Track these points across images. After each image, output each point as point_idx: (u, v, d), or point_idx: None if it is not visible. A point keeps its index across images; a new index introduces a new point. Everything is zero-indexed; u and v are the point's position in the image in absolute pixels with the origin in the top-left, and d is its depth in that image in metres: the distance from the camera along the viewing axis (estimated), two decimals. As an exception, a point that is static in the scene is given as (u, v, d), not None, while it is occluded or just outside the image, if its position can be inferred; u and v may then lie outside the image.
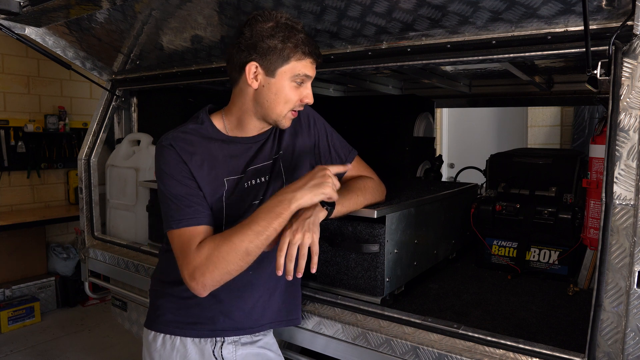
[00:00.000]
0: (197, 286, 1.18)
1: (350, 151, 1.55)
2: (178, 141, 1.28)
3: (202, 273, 1.16)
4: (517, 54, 1.35)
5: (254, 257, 1.18)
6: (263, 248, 1.18)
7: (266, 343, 1.44)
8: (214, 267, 1.15)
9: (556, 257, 1.82)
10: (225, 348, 1.35)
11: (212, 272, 1.16)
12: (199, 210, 1.24)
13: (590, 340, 1.12)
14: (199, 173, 1.28)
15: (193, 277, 1.17)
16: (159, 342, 1.36)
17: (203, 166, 1.29)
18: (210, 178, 1.29)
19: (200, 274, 1.16)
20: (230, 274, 1.18)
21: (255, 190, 1.35)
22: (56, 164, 4.71)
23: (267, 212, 1.17)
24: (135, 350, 3.56)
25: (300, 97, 1.28)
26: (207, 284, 1.17)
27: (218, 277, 1.17)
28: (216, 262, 1.15)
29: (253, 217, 1.18)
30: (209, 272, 1.16)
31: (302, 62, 1.25)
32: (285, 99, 1.27)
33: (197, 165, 1.28)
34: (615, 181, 1.09)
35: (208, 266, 1.15)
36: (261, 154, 1.37)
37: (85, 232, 2.52)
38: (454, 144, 5.77)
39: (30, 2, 1.80)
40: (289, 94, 1.27)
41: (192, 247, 1.19)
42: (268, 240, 1.17)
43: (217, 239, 1.18)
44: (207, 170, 1.29)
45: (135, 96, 2.73)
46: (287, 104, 1.28)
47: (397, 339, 1.35)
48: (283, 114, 1.29)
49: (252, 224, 1.16)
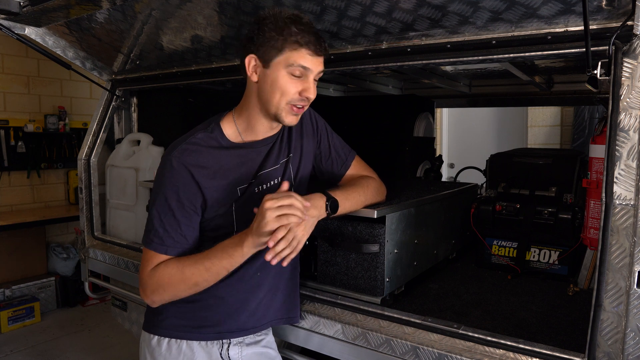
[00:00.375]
0: (146, 300, 1.29)
1: (350, 152, 1.55)
2: (186, 155, 1.26)
3: (152, 292, 1.26)
4: (517, 54, 1.35)
5: (203, 288, 1.24)
6: (211, 282, 1.24)
7: (268, 342, 1.46)
8: (163, 290, 1.25)
9: (556, 257, 1.82)
10: (232, 349, 1.36)
11: (161, 295, 1.25)
12: (180, 242, 1.27)
13: (590, 340, 1.12)
14: (210, 184, 1.27)
15: (144, 292, 1.28)
16: (163, 346, 1.35)
17: (215, 178, 1.28)
18: (222, 188, 1.29)
19: (150, 293, 1.26)
20: (178, 297, 1.26)
21: (266, 194, 1.34)
22: (56, 164, 4.72)
23: (221, 251, 1.20)
24: (135, 351, 3.55)
25: (298, 90, 1.24)
26: (156, 301, 1.28)
27: (166, 299, 1.27)
28: (166, 288, 1.24)
29: (208, 252, 1.22)
30: (158, 294, 1.25)
31: (297, 52, 1.21)
32: (281, 90, 1.23)
33: (208, 178, 1.27)
34: (615, 181, 1.09)
35: (157, 289, 1.25)
36: (271, 158, 1.36)
37: (85, 232, 2.52)
38: (454, 144, 5.77)
39: (30, 2, 1.80)
40: (285, 85, 1.23)
41: (147, 268, 1.27)
42: (217, 276, 1.22)
43: (171, 266, 1.24)
44: (219, 181, 1.28)
45: (135, 96, 2.73)
46: (283, 95, 1.23)
47: (397, 339, 1.35)
48: (280, 106, 1.25)
49: (204, 260, 1.21)
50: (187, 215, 1.26)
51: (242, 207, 1.31)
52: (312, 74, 1.25)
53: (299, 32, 1.20)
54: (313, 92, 1.26)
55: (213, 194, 1.27)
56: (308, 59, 1.22)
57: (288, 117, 1.27)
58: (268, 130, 1.35)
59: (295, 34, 1.19)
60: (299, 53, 1.21)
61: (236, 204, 1.31)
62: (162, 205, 1.26)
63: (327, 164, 1.51)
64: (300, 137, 1.44)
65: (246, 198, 1.31)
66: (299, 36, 1.20)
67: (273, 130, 1.36)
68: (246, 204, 1.29)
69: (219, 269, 1.20)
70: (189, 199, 1.25)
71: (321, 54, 1.25)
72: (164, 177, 1.27)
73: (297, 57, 1.21)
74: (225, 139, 1.32)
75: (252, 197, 1.32)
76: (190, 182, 1.25)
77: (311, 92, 1.25)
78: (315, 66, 1.24)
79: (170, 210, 1.25)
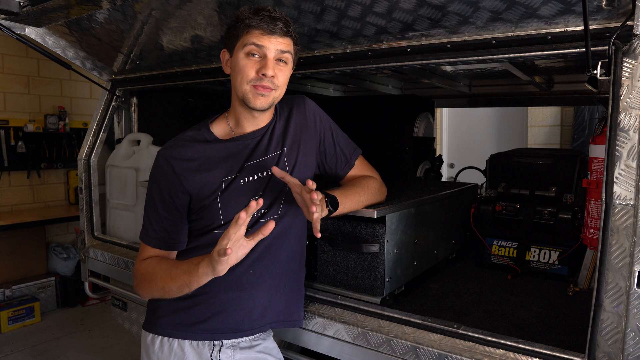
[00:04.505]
0: (135, 289, 1.36)
1: (355, 149, 1.55)
2: (173, 150, 1.34)
3: (137, 284, 1.35)
4: (517, 54, 1.35)
5: (170, 295, 1.28)
6: (176, 293, 1.26)
7: (265, 347, 1.42)
8: (142, 287, 1.34)
9: (556, 257, 1.82)
10: (224, 352, 1.34)
11: (143, 288, 1.33)
12: (160, 234, 1.35)
13: (590, 340, 1.12)
14: (193, 176, 1.31)
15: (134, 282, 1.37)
16: (157, 344, 1.35)
17: (199, 170, 1.32)
18: (206, 181, 1.31)
19: (136, 283, 1.35)
20: (154, 296, 1.33)
21: (255, 186, 1.35)
22: (56, 164, 4.72)
23: (187, 263, 1.23)
24: (135, 351, 3.56)
25: (256, 69, 1.25)
26: (141, 294, 1.35)
27: (147, 295, 1.35)
28: (144, 285, 1.32)
29: (180, 262, 1.28)
30: (141, 287, 1.34)
31: (251, 33, 1.25)
32: (241, 72, 1.27)
33: (191, 171, 1.31)
34: (615, 181, 1.09)
35: (141, 282, 1.34)
36: (259, 150, 1.37)
37: (85, 232, 2.52)
38: (454, 144, 5.77)
39: (30, 2, 1.80)
40: (243, 66, 1.26)
41: (139, 258, 1.38)
42: (179, 289, 1.24)
43: (153, 264, 1.32)
44: (202, 173, 1.32)
45: (135, 96, 2.73)
46: (243, 77, 1.27)
47: (397, 339, 1.35)
48: (244, 88, 1.28)
49: (173, 268, 1.26)
50: (168, 209, 1.33)
51: (227, 199, 1.32)
52: (268, 51, 1.25)
53: (252, 16, 1.24)
54: (270, 69, 1.25)
55: (196, 186, 1.31)
56: (261, 37, 1.25)
57: (255, 99, 1.28)
58: (253, 122, 1.37)
59: (249, 18, 1.24)
60: (252, 33, 1.25)
61: (221, 196, 1.32)
62: (149, 199, 1.36)
63: (331, 161, 1.50)
64: (299, 132, 1.43)
65: (231, 190, 1.32)
66: (251, 19, 1.24)
67: (258, 121, 1.38)
68: (231, 196, 1.32)
69: (180, 282, 1.23)
70: (170, 193, 1.32)
71: (276, 33, 1.25)
72: (152, 171, 1.37)
73: (250, 37, 1.25)
74: (212, 135, 1.38)
75: (238, 188, 1.33)
76: (171, 176, 1.31)
77: (267, 69, 1.25)
78: (271, 44, 1.25)
79: (154, 204, 1.34)
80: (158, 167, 1.34)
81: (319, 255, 1.61)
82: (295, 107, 1.45)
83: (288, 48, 1.28)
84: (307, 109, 1.46)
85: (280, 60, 1.28)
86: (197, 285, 1.21)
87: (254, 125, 1.38)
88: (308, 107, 1.47)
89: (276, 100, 1.33)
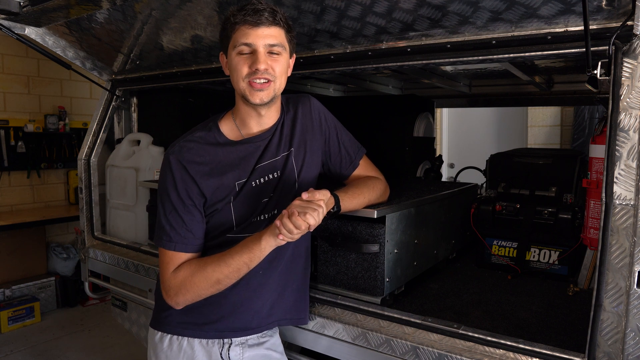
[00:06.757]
0: (171, 302, 1.30)
1: (359, 149, 1.54)
2: (184, 152, 1.31)
3: (176, 294, 1.28)
4: (517, 54, 1.35)
5: (225, 285, 1.26)
6: (233, 279, 1.25)
7: (272, 344, 1.45)
8: (186, 291, 1.26)
9: (556, 257, 1.82)
10: (233, 350, 1.36)
11: (184, 295, 1.27)
12: (188, 237, 1.30)
13: (590, 340, 1.12)
14: (207, 180, 1.29)
15: (168, 295, 1.29)
16: (165, 343, 1.36)
17: (212, 174, 1.30)
18: (219, 185, 1.30)
19: (174, 294, 1.28)
20: (202, 297, 1.28)
21: (266, 188, 1.35)
22: (56, 164, 4.71)
23: (242, 246, 1.23)
24: (135, 350, 3.56)
25: (249, 64, 1.25)
26: (180, 302, 1.29)
27: (190, 299, 1.28)
28: (189, 288, 1.26)
29: (229, 249, 1.25)
30: (181, 295, 1.27)
31: (239, 31, 1.25)
32: (236, 70, 1.27)
33: (205, 174, 1.29)
34: (615, 181, 1.09)
35: (181, 289, 1.27)
36: (269, 151, 1.36)
37: (85, 232, 2.52)
38: (454, 144, 5.77)
39: (30, 2, 1.81)
40: (237, 64, 1.27)
41: (169, 269, 1.30)
42: (238, 272, 1.23)
43: (194, 265, 1.27)
44: (216, 177, 1.30)
45: (135, 96, 2.73)
46: (239, 75, 1.27)
47: (397, 339, 1.35)
48: (242, 86, 1.28)
49: (225, 256, 1.24)
50: (189, 211, 1.29)
51: (240, 201, 1.32)
52: (257, 45, 1.25)
53: (237, 13, 1.25)
54: (262, 62, 1.24)
55: (211, 190, 1.30)
56: (248, 33, 1.25)
57: (253, 95, 1.28)
58: (259, 122, 1.36)
59: (234, 16, 1.25)
60: (240, 31, 1.25)
61: (234, 199, 1.32)
62: (166, 203, 1.31)
63: (336, 161, 1.50)
64: (305, 132, 1.43)
65: (244, 192, 1.33)
66: (236, 16, 1.25)
67: (264, 120, 1.36)
68: (244, 198, 1.32)
69: (239, 264, 1.22)
70: (187, 195, 1.29)
71: (263, 24, 1.24)
72: (164, 175, 1.32)
73: (239, 35, 1.26)
74: (223, 136, 1.36)
75: (249, 191, 1.33)
76: (187, 179, 1.29)
77: (259, 63, 1.24)
78: (258, 38, 1.24)
79: (173, 207, 1.29)
80: (172, 171, 1.30)
81: (319, 255, 1.61)
82: (300, 106, 1.45)
83: (278, 38, 1.27)
84: (312, 109, 1.46)
85: (272, 53, 1.27)
86: (258, 261, 1.23)
87: (261, 125, 1.37)
88: (313, 106, 1.47)
89: (277, 91, 1.31)
